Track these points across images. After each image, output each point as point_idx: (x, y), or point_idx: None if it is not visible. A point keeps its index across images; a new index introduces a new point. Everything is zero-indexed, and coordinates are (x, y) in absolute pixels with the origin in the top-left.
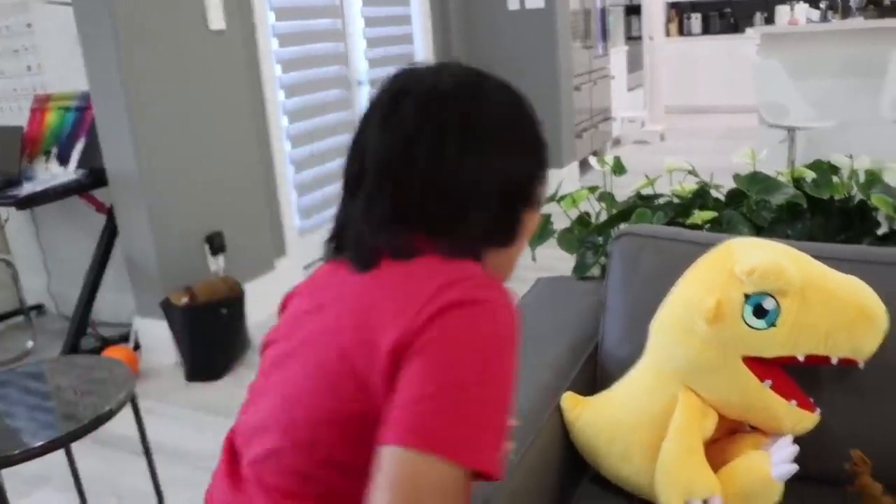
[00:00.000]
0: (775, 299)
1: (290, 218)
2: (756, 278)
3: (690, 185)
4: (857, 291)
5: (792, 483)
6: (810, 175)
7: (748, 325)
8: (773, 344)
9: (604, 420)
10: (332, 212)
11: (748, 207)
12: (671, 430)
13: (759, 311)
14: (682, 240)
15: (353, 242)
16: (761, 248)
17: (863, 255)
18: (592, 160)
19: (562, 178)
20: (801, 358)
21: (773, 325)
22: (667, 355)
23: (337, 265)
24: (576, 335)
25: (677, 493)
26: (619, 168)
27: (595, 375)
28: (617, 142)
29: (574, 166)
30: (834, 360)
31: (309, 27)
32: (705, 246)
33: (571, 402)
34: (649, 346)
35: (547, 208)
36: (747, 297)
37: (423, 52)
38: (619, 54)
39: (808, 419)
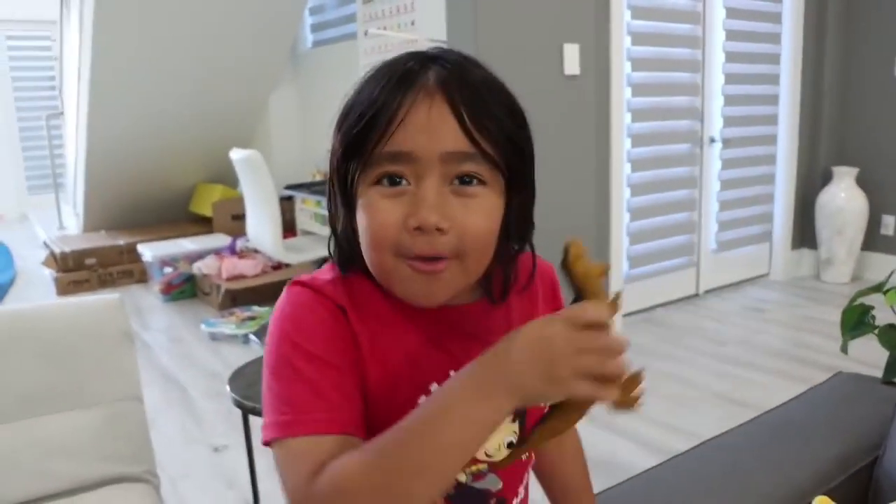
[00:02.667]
0: None
1: (619, 264)
2: None
3: None
4: None
5: None
6: None
7: None
8: None
9: None
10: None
11: None
12: None
13: None
14: None
15: None
16: None
17: None
18: None
19: None
20: None
21: None
22: None
23: None
24: (852, 442)
25: None
26: None
27: (866, 495)
28: None
29: None
30: None
31: (665, 79)
32: None
33: None
34: None
35: (870, 299)
36: None
37: (787, 114)
38: None
39: None
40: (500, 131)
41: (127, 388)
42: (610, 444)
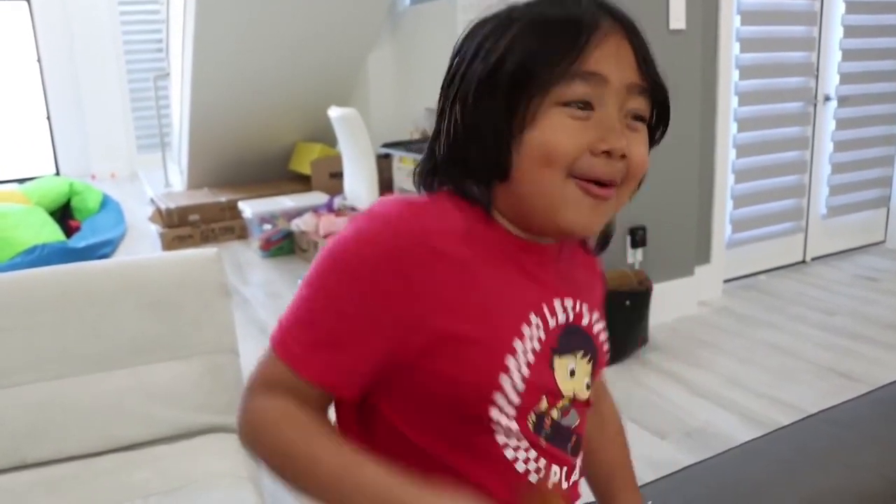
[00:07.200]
0: None
1: (721, 228)
2: None
3: None
4: None
5: None
6: None
7: None
8: None
9: None
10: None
11: None
12: None
13: None
14: None
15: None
16: None
17: None
18: None
19: None
20: None
21: None
22: None
23: None
24: None
25: None
26: None
27: None
28: None
29: None
30: None
31: (777, 33)
32: None
33: None
34: None
35: None
36: None
37: None
38: None
39: None
40: (658, 76)
41: (223, 341)
42: (708, 413)
